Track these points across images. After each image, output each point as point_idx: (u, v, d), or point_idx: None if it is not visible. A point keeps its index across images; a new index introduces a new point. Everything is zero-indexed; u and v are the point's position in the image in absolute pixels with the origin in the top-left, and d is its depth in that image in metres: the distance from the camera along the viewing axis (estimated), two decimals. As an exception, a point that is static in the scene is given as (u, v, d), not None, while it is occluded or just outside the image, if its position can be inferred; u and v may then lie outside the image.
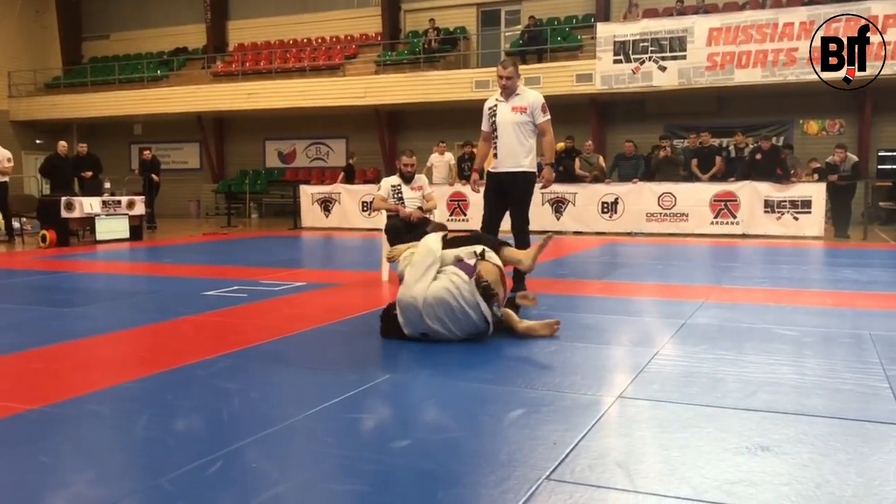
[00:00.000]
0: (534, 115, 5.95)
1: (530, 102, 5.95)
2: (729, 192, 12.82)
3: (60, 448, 2.62)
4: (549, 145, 6.08)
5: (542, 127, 6.00)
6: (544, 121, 5.98)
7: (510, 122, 5.96)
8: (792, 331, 4.51)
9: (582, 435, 2.66)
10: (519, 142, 5.96)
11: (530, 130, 5.99)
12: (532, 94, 6.05)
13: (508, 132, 5.97)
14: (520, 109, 5.95)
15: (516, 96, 5.99)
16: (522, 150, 5.97)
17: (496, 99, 6.10)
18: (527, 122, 5.95)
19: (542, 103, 5.99)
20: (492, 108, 6.10)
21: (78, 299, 6.30)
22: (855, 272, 7.63)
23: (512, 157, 5.98)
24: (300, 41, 21.75)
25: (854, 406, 3.00)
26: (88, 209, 11.92)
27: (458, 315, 4.04)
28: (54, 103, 22.46)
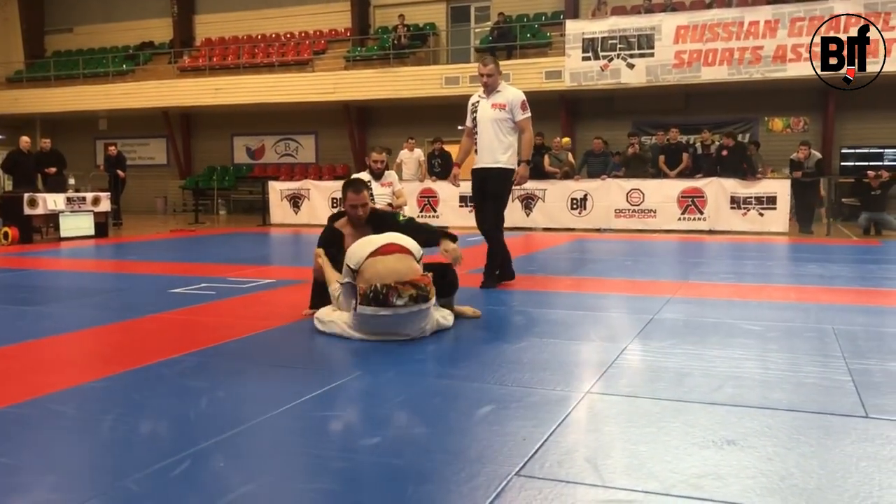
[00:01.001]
0: (513, 111, 5.99)
1: (510, 99, 5.99)
2: (696, 188, 12.97)
3: (23, 449, 2.57)
4: (528, 143, 6.11)
5: (521, 124, 6.05)
6: (523, 118, 6.03)
7: (489, 119, 6.01)
8: (757, 325, 4.58)
9: (551, 431, 2.67)
10: (497, 138, 6.00)
11: (509, 127, 6.03)
12: (512, 92, 6.09)
13: (487, 128, 6.02)
14: (499, 106, 6.00)
15: (497, 93, 6.04)
16: (500, 147, 6.01)
17: (479, 95, 6.16)
18: (506, 118, 5.99)
19: (522, 100, 6.04)
20: (474, 104, 6.17)
21: (41, 297, 6.19)
22: (818, 267, 7.76)
23: (490, 154, 6.03)
24: (268, 36, 21.58)
25: (817, 399, 3.05)
26: (52, 206, 11.73)
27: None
28: (16, 98, 22.03)
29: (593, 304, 5.53)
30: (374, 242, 4.17)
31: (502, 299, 5.65)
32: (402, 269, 4.09)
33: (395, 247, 4.15)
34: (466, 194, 14.28)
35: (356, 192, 4.72)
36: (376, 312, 4.04)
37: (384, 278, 4.03)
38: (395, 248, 4.14)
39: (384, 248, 4.12)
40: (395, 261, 4.10)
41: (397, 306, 4.02)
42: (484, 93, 6.11)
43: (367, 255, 4.10)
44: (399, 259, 4.12)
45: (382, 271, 4.06)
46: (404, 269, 4.10)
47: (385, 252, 4.11)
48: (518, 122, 6.03)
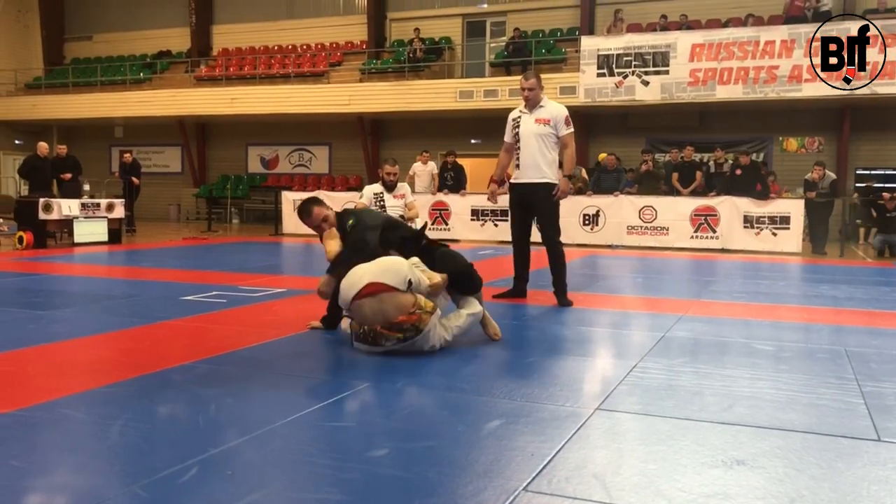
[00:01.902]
0: (557, 127, 5.95)
1: (554, 114, 5.96)
2: (709, 206, 12.93)
3: (32, 453, 2.58)
4: (571, 158, 6.08)
5: (565, 139, 6.01)
6: (567, 133, 5.99)
7: (533, 134, 5.96)
8: (769, 345, 4.54)
9: (559, 446, 2.65)
10: (541, 153, 5.95)
11: (553, 143, 5.99)
12: (556, 106, 6.04)
13: (531, 144, 5.96)
14: (543, 121, 5.95)
15: (540, 108, 6.00)
16: (544, 162, 5.97)
17: (520, 110, 6.09)
18: (550, 133, 5.95)
19: (566, 115, 5.99)
20: (515, 119, 6.09)
21: (54, 302, 6.22)
22: (832, 288, 7.71)
23: (535, 169, 5.97)
24: (285, 47, 21.74)
25: (829, 421, 3.02)
26: (67, 211, 11.80)
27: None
28: (34, 104, 22.25)
29: (604, 321, 5.52)
30: (356, 285, 4.02)
31: (513, 314, 5.64)
32: (389, 309, 3.97)
33: (376, 287, 3.98)
34: (478, 208, 14.33)
35: (307, 216, 4.79)
36: (370, 350, 4.07)
37: (371, 322, 4.01)
38: (376, 289, 3.97)
39: (365, 290, 3.98)
40: (378, 303, 3.98)
41: (387, 346, 4.03)
42: (526, 107, 6.04)
43: (351, 299, 4.03)
44: (382, 300, 3.97)
45: (368, 314, 4.01)
46: (391, 308, 3.97)
47: (367, 294, 3.98)
48: (562, 138, 5.99)
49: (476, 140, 19.46)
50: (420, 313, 4.01)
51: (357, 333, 4.10)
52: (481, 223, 14.35)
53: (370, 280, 4.01)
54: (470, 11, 20.31)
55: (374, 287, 3.98)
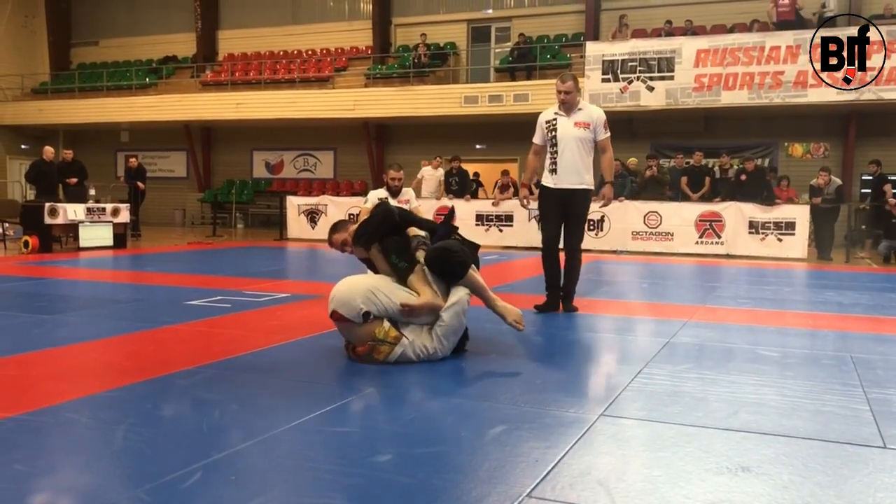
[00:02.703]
0: (596, 131, 5.82)
1: (594, 118, 5.82)
2: (714, 212, 12.91)
3: (36, 457, 2.58)
4: (610, 163, 5.98)
5: (604, 144, 5.88)
6: (605, 138, 5.87)
7: (573, 138, 5.79)
8: (774, 352, 4.53)
9: (564, 452, 2.65)
10: (581, 157, 5.81)
11: (591, 147, 5.86)
12: (595, 110, 5.93)
13: (571, 148, 5.79)
14: (583, 125, 5.79)
15: (579, 111, 5.85)
16: (584, 167, 5.83)
17: (555, 112, 5.91)
18: (589, 138, 5.82)
19: (605, 120, 5.87)
20: (550, 121, 5.90)
21: (59, 306, 6.24)
22: (837, 294, 7.69)
23: (575, 174, 5.81)
24: (290, 52, 21.79)
25: (835, 428, 3.01)
26: (72, 216, 11.84)
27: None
28: (41, 109, 22.34)
29: (609, 327, 5.51)
30: (328, 306, 4.04)
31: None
32: (353, 336, 4.05)
33: (336, 315, 4.00)
34: (483, 213, 14.33)
35: (334, 232, 4.57)
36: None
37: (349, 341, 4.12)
38: (337, 318, 4.01)
39: (332, 316, 4.04)
40: (346, 329, 4.07)
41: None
42: (561, 110, 5.86)
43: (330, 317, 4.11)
44: (348, 328, 4.04)
45: (345, 335, 4.13)
46: (354, 337, 4.04)
47: (335, 319, 4.04)
48: (600, 142, 5.86)
49: (481, 145, 19.46)
50: (376, 345, 3.96)
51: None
52: (486, 228, 14.35)
53: (333, 308, 4.02)
54: (475, 17, 20.34)
55: (336, 315, 4.02)
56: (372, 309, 3.95)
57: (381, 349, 3.97)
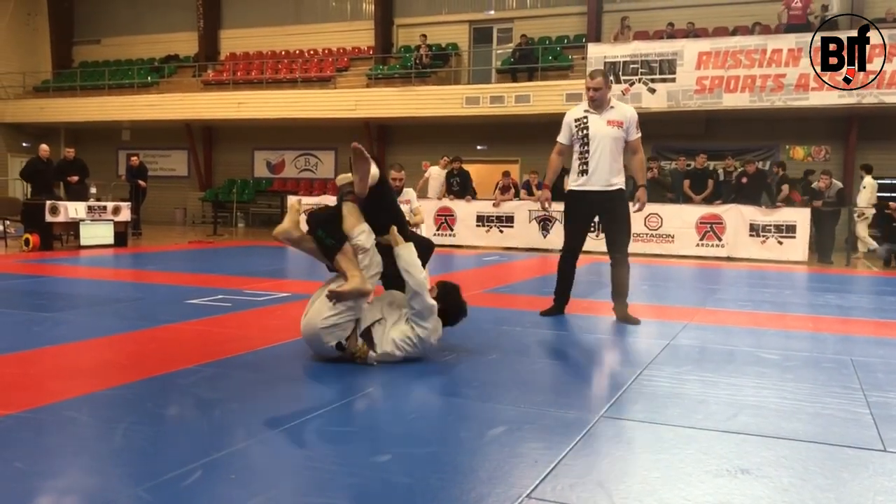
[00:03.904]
0: (628, 130, 5.54)
1: (627, 117, 5.55)
2: (715, 214, 12.91)
3: (36, 455, 2.58)
4: (642, 164, 5.75)
5: (635, 144, 5.63)
6: (637, 138, 5.61)
7: (606, 137, 5.50)
8: (774, 354, 4.53)
9: (563, 454, 2.65)
10: (613, 158, 5.53)
11: (622, 146, 5.59)
12: (628, 109, 5.68)
13: (604, 147, 5.50)
14: (616, 123, 5.51)
15: (611, 109, 5.57)
16: (617, 167, 5.57)
17: (584, 110, 5.61)
18: (622, 137, 5.55)
19: (637, 119, 5.61)
20: (580, 119, 5.59)
21: (59, 304, 6.24)
22: (838, 298, 7.69)
23: (606, 175, 5.53)
24: (292, 52, 21.79)
25: (835, 431, 3.01)
26: (73, 214, 11.84)
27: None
28: (42, 107, 22.34)
29: (609, 328, 5.50)
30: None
31: (518, 320, 5.64)
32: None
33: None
34: (483, 214, 14.32)
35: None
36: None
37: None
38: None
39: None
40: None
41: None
42: (591, 108, 5.57)
43: None
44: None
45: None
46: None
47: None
48: (631, 142, 5.58)
49: (482, 146, 19.46)
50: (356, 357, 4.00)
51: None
52: (486, 229, 14.35)
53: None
54: (477, 18, 20.34)
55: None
56: (339, 334, 3.94)
57: (362, 357, 3.99)
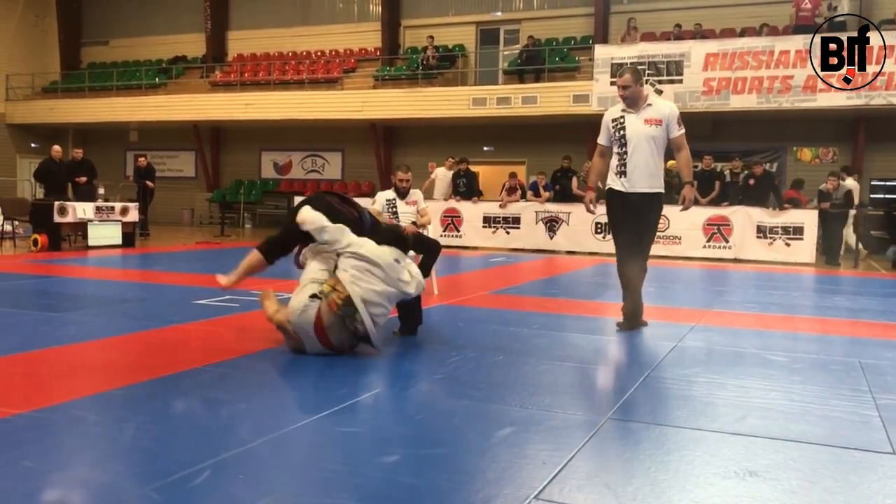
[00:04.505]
0: (669, 128, 5.27)
1: (666, 115, 5.28)
2: (722, 216, 12.88)
3: (46, 454, 2.60)
4: (687, 162, 5.44)
5: (678, 141, 5.33)
6: (679, 134, 5.31)
7: (645, 136, 5.24)
8: (782, 356, 4.52)
9: (571, 455, 2.65)
10: (653, 158, 5.26)
11: (663, 146, 5.32)
12: (666, 105, 5.42)
13: (643, 147, 5.25)
14: (654, 122, 5.26)
15: (648, 107, 5.31)
16: (656, 168, 5.32)
17: (622, 110, 5.37)
18: (661, 136, 5.27)
19: (678, 115, 5.33)
20: (617, 119, 5.37)
21: (68, 304, 6.26)
22: (846, 300, 7.66)
23: (646, 177, 5.27)
24: (299, 54, 21.82)
25: (843, 433, 3.00)
26: (81, 214, 11.88)
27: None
28: (51, 108, 22.42)
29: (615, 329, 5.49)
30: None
31: (525, 322, 5.64)
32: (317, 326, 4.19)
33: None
34: (490, 215, 14.32)
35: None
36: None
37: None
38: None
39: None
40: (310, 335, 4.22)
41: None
42: (628, 107, 5.33)
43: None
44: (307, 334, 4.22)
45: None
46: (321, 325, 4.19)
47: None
48: (674, 140, 5.30)
49: (489, 147, 19.46)
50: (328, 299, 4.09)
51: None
52: (493, 230, 14.35)
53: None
54: (484, 19, 20.33)
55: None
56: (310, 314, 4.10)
57: (333, 298, 4.04)
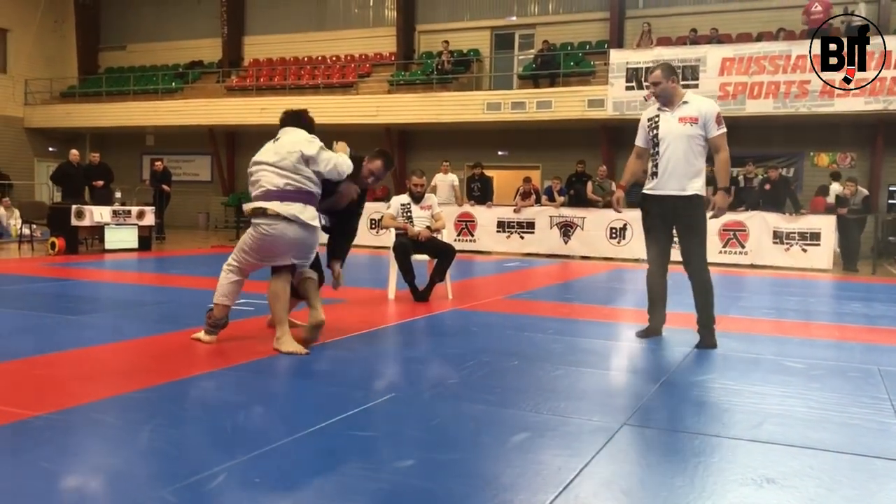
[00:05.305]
0: (706, 126, 4.94)
1: (702, 112, 4.96)
2: (738, 221, 12.80)
3: (63, 456, 2.62)
4: (725, 164, 5.03)
5: (717, 142, 4.97)
6: (718, 134, 4.96)
7: (678, 136, 4.96)
8: (800, 363, 4.48)
9: (586, 461, 2.64)
10: (686, 160, 4.96)
11: (701, 146, 4.99)
12: (705, 103, 5.09)
13: (675, 147, 4.97)
14: (689, 120, 4.95)
15: (684, 104, 5.01)
16: (692, 170, 4.98)
17: (658, 108, 5.13)
18: (698, 135, 4.95)
19: (717, 112, 5.00)
20: (652, 118, 5.13)
21: (85, 307, 6.31)
22: (864, 306, 7.59)
23: (678, 179, 4.99)
24: (315, 58, 21.91)
25: (862, 441, 2.97)
26: (98, 218, 11.97)
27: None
28: (69, 112, 22.64)
29: (631, 335, 5.47)
30: None
31: (540, 327, 5.62)
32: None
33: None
34: (504, 220, 14.31)
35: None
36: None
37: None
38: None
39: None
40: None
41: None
42: (663, 105, 5.08)
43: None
44: None
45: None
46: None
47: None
48: (712, 140, 4.96)
49: (503, 152, 19.46)
50: None
51: None
52: (507, 235, 14.34)
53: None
54: (499, 24, 20.35)
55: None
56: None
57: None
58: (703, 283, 5.08)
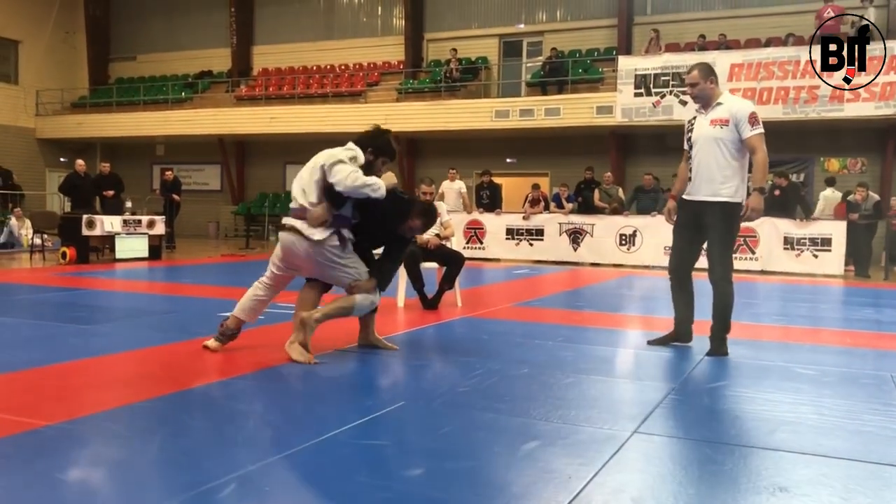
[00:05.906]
0: (739, 127, 4.71)
1: (734, 112, 4.75)
2: (748, 227, 12.74)
3: (76, 465, 2.63)
4: (760, 165, 4.73)
5: (751, 142, 4.71)
6: (753, 135, 4.70)
7: (707, 138, 4.81)
8: (811, 370, 4.46)
9: (597, 470, 2.63)
10: (717, 163, 4.76)
11: (734, 149, 4.76)
12: (737, 103, 4.89)
13: (705, 151, 4.81)
14: (720, 122, 4.77)
15: (717, 106, 4.84)
16: (720, 174, 4.76)
17: (696, 111, 5.02)
18: (729, 137, 4.75)
19: (751, 112, 4.75)
20: (690, 121, 5.03)
21: (96, 316, 6.34)
22: (876, 312, 7.55)
23: (707, 183, 4.81)
24: (323, 67, 22.00)
25: (875, 449, 2.95)
26: (109, 228, 12.03)
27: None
28: (80, 122, 22.80)
29: (641, 342, 5.45)
30: None
31: (549, 334, 5.61)
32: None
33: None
34: (513, 227, 14.30)
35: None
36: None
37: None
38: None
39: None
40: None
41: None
42: (701, 107, 4.94)
43: None
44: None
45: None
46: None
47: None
48: (746, 141, 4.71)
49: (512, 159, 19.47)
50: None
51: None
52: (516, 242, 14.33)
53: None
54: (507, 32, 20.39)
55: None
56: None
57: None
58: (723, 294, 4.94)
